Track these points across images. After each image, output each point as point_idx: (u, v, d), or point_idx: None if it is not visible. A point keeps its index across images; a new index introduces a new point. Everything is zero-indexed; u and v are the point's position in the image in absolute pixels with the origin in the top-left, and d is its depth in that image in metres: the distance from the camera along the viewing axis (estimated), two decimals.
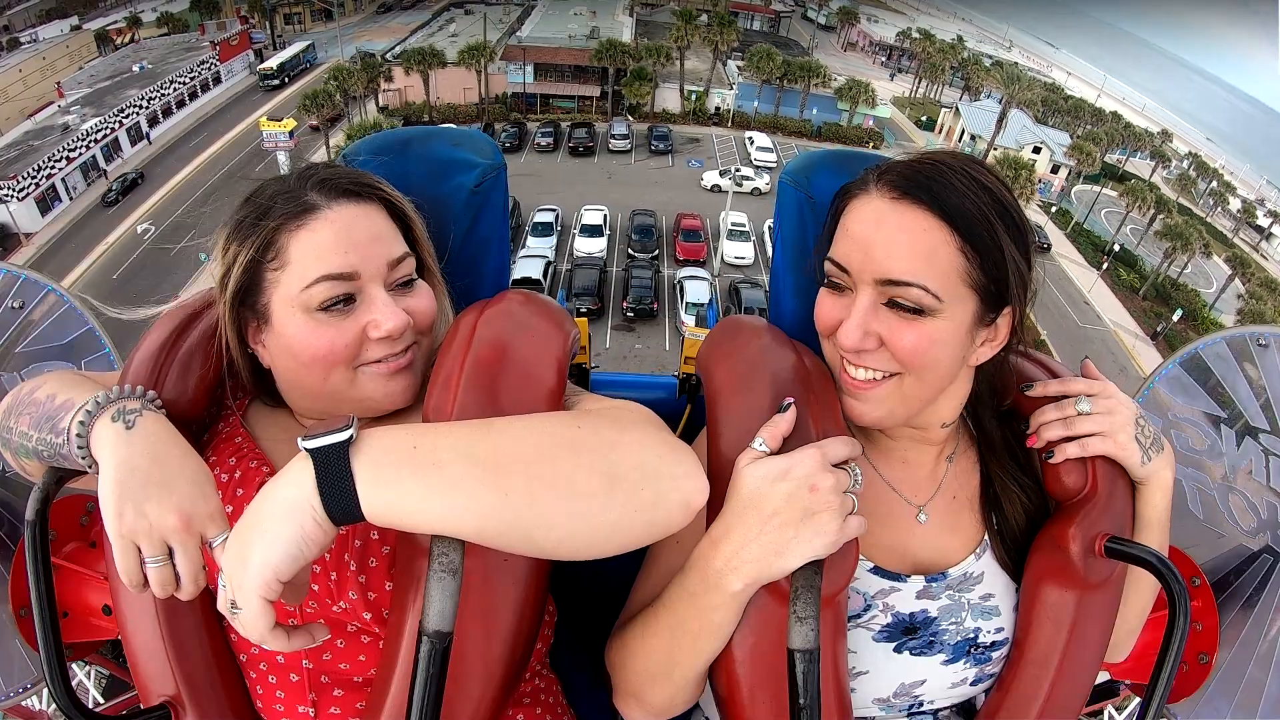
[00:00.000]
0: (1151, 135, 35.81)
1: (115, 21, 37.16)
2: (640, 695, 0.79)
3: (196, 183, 27.25)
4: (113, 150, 27.81)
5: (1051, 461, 0.80)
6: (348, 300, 0.77)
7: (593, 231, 24.38)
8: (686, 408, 1.26)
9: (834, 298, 0.79)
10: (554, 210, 25.16)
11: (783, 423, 0.72)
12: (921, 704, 0.84)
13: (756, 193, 27.77)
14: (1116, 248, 28.35)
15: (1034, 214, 31.14)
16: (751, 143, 32.07)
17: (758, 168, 29.90)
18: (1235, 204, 32.79)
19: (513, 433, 0.64)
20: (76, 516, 1.03)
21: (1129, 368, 21.66)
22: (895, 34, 43.54)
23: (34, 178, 23.90)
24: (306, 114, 27.78)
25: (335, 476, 0.58)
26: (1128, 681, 1.14)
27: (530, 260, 21.80)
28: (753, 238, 24.10)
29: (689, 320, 20.51)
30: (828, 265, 0.79)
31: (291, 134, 25.22)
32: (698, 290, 21.31)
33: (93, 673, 1.42)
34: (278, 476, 0.60)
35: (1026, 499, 0.86)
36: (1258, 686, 1.01)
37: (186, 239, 22.54)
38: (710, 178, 28.54)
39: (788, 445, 0.72)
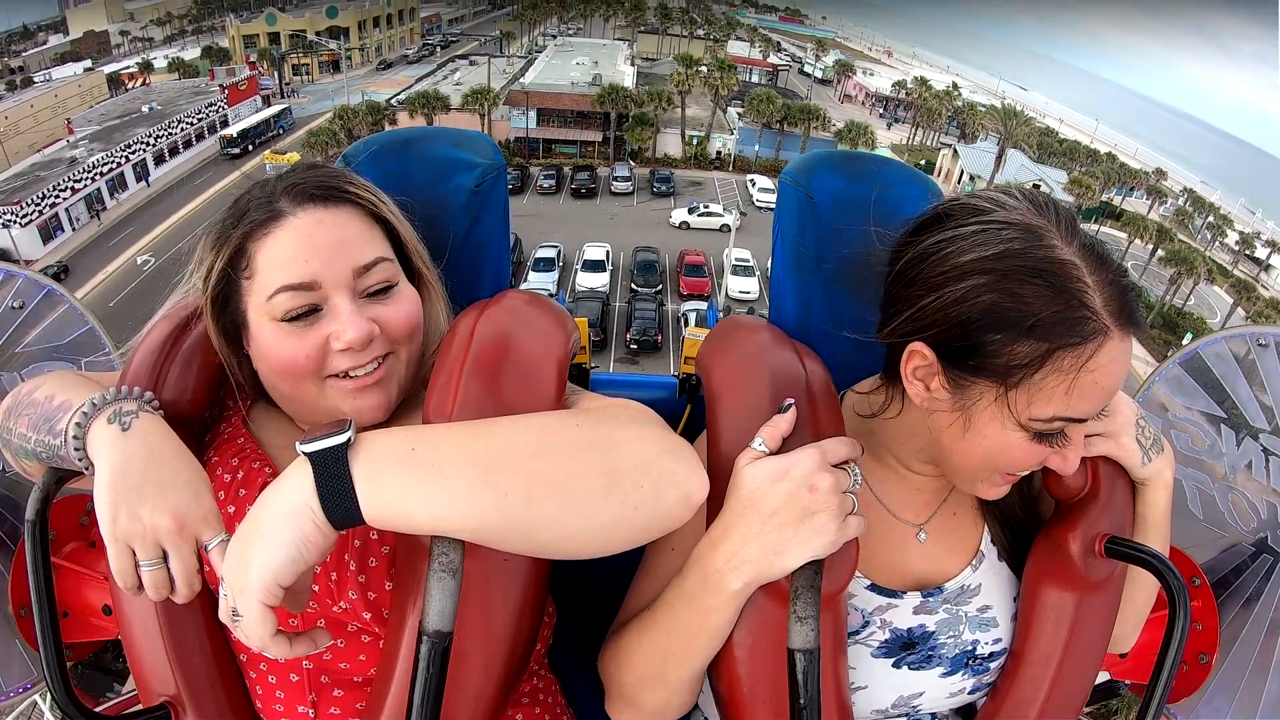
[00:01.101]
0: (1146, 174, 36.12)
1: (128, 67, 37.48)
2: (634, 700, 0.79)
3: (200, 217, 27.22)
4: (118, 185, 27.88)
5: None
6: (313, 310, 0.75)
7: (595, 266, 24.30)
8: (686, 408, 1.26)
9: (1041, 446, 0.70)
10: (556, 247, 25.14)
11: (782, 423, 0.72)
12: (920, 710, 0.84)
13: (725, 229, 27.62)
14: (1129, 264, 28.51)
15: None
16: (754, 184, 32.26)
17: (760, 208, 30.16)
18: (1233, 238, 32.96)
19: (511, 432, 0.64)
20: (76, 516, 1.03)
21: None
22: (891, 85, 44.21)
23: (38, 205, 24.09)
24: (311, 152, 27.77)
25: (334, 480, 0.57)
26: (1128, 681, 1.14)
27: (533, 288, 21.86)
28: (757, 273, 24.01)
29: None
30: (1055, 424, 0.68)
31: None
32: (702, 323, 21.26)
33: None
34: (277, 481, 0.60)
35: (1019, 489, 0.86)
36: (1258, 686, 1.01)
37: (186, 271, 22.83)
38: (678, 215, 28.66)
39: (787, 445, 0.72)
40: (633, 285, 23.76)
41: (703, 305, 22.24)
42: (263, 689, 0.80)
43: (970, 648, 0.82)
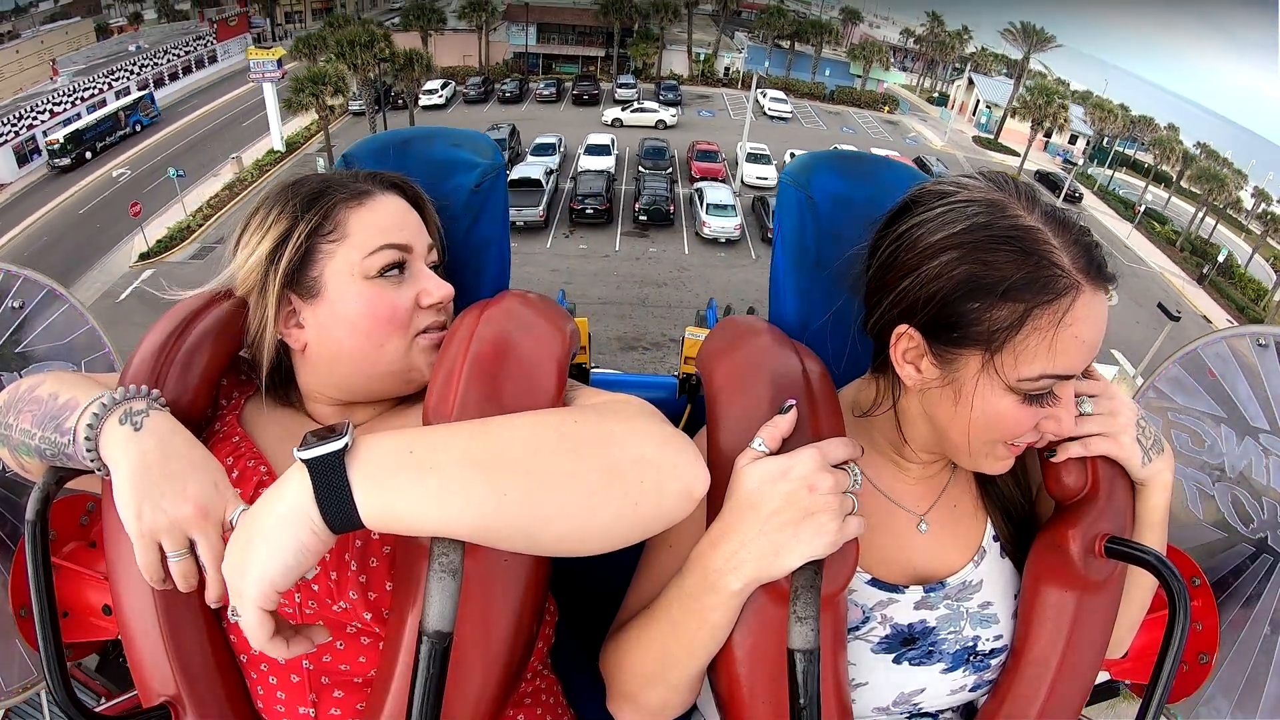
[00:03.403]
0: (1158, 125, 35.76)
1: (117, 21, 37.08)
2: (635, 698, 0.79)
3: (178, 136, 27.17)
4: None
5: (1054, 460, 0.80)
6: (400, 269, 0.83)
7: (599, 150, 23.04)
8: (686, 407, 1.26)
9: (1035, 408, 0.72)
10: (557, 136, 23.93)
11: (783, 423, 0.72)
12: (921, 709, 0.84)
13: (661, 125, 27.00)
14: (1147, 201, 28.95)
15: (1054, 165, 31.88)
16: (764, 95, 31.73)
17: (770, 117, 29.86)
18: (1246, 193, 32.57)
19: (509, 431, 0.64)
20: (76, 516, 1.03)
21: (1183, 304, 21.48)
22: (899, 33, 43.74)
23: (14, 126, 23.41)
24: (301, 55, 26.66)
25: (332, 486, 0.58)
26: (1128, 681, 1.14)
27: (530, 166, 20.60)
28: (774, 162, 23.02)
29: (711, 221, 18.91)
30: (1043, 382, 0.70)
31: (280, 63, 24.13)
32: (719, 194, 19.70)
33: None
34: (275, 487, 0.60)
35: (1017, 480, 0.88)
36: (1258, 686, 1.01)
37: (162, 179, 22.38)
38: (611, 113, 27.85)
39: (788, 446, 0.72)
40: (640, 168, 22.42)
41: (719, 184, 20.83)
42: (263, 689, 0.80)
43: (971, 644, 0.82)
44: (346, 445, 0.59)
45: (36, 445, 0.75)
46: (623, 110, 27.98)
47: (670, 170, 22.51)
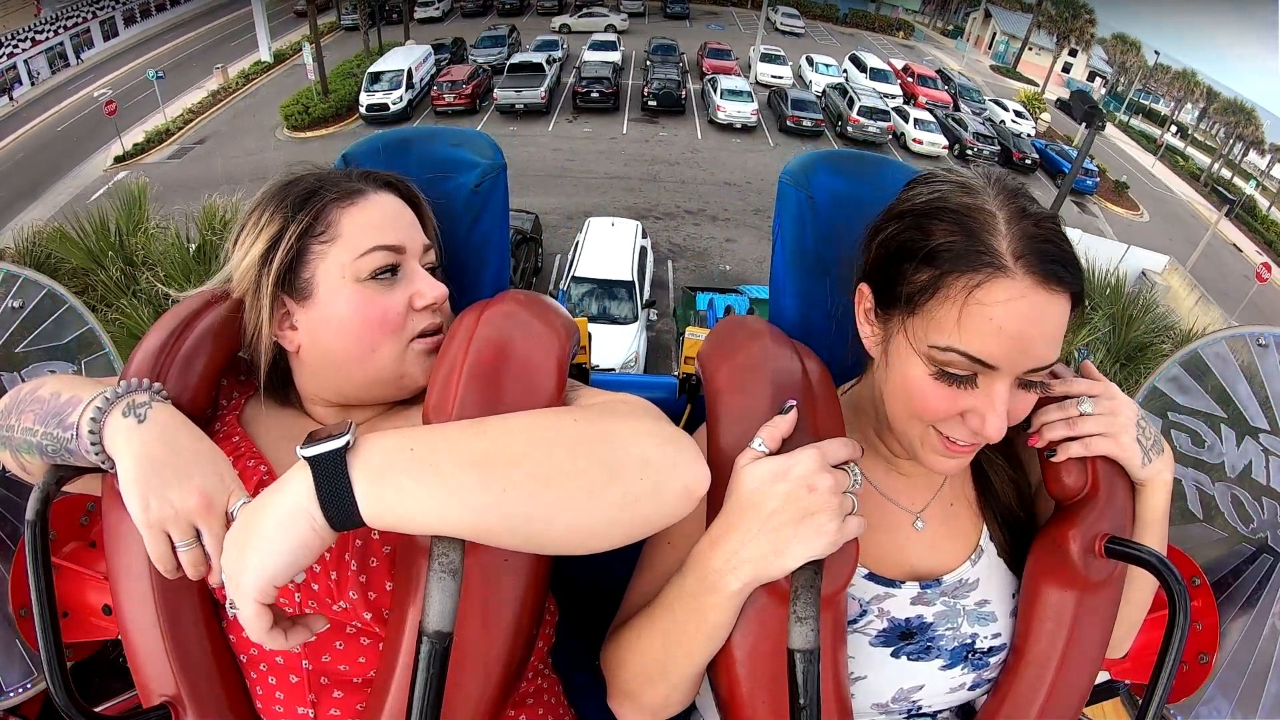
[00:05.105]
0: (1177, 71, 35.38)
1: None
2: (636, 697, 0.79)
3: (164, 58, 26.51)
4: (83, 42, 26.47)
5: (1054, 460, 0.80)
6: (393, 271, 0.82)
7: (605, 46, 22.50)
8: (686, 407, 1.26)
9: (948, 388, 0.70)
10: (560, 36, 23.59)
11: (783, 424, 0.72)
12: (920, 708, 0.84)
13: (611, 29, 26.90)
14: (1172, 132, 29.06)
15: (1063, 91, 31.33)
16: (776, 10, 31.81)
17: (782, 31, 30.01)
18: (1267, 146, 32.21)
19: (509, 430, 0.64)
20: (76, 516, 1.03)
21: (1214, 234, 21.00)
22: None
23: None
24: None
25: (334, 484, 0.58)
26: (1128, 681, 1.14)
27: (532, 53, 20.02)
28: (789, 63, 22.76)
29: (726, 105, 18.19)
30: (950, 356, 0.68)
31: None
32: (734, 81, 19.05)
33: None
34: (277, 484, 0.61)
35: (1018, 490, 0.87)
36: (1258, 686, 1.01)
37: (146, 93, 21.62)
38: (559, 20, 27.82)
39: (788, 445, 0.72)
40: (649, 61, 21.81)
41: (735, 78, 20.14)
42: (263, 689, 0.80)
43: (969, 641, 0.82)
44: (348, 443, 0.59)
45: (38, 443, 0.75)
46: (571, 16, 27.74)
47: (681, 65, 22.09)
